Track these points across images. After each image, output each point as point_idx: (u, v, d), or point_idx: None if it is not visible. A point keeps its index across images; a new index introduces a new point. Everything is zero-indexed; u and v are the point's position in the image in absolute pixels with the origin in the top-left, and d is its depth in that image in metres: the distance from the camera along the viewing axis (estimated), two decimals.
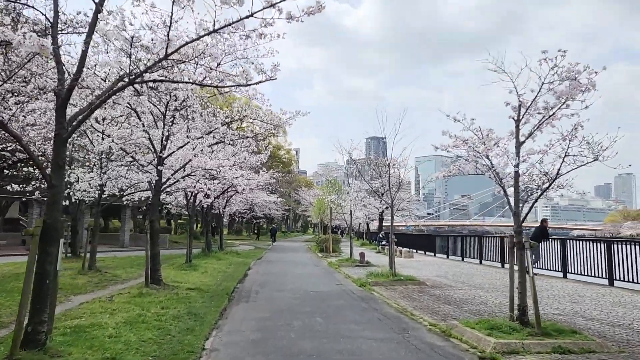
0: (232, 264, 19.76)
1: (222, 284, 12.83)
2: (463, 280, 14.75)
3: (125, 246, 31.51)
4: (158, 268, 11.39)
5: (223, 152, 16.35)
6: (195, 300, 9.85)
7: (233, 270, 17.01)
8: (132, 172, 12.66)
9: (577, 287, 13.06)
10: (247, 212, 48.96)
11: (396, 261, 23.65)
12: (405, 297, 11.10)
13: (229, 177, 17.25)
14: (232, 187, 21.86)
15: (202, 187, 16.33)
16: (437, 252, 27.93)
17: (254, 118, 11.51)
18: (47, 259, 5.13)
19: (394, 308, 9.63)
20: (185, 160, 11.80)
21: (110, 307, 8.61)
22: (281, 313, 8.82)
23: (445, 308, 9.63)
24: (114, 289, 11.45)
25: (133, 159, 11.34)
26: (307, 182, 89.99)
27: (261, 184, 24.00)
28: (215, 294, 10.96)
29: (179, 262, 18.63)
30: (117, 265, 17.42)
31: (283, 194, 50.08)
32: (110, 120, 12.82)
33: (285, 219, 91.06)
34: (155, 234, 11.47)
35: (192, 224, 19.42)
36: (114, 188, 15.46)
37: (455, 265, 20.95)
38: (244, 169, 19.40)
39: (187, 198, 18.37)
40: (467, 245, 23.97)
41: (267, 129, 11.94)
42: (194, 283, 12.56)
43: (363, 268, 19.11)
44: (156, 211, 11.48)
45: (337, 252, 28.41)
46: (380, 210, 36.71)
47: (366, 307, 9.72)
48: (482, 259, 21.63)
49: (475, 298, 10.97)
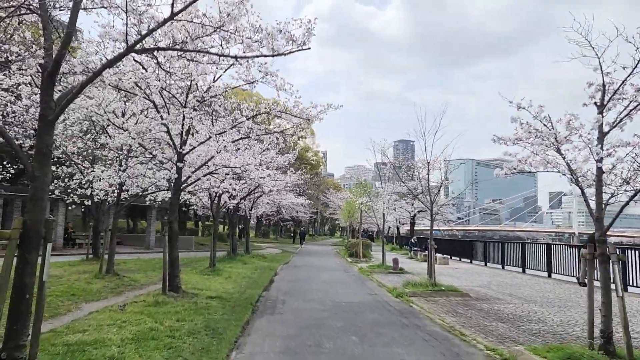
0: (258, 269, 18.79)
1: (246, 292, 11.83)
2: (510, 291, 13.38)
3: (151, 248, 31.01)
4: (177, 274, 10.46)
5: (249, 150, 15.43)
6: (215, 311, 8.85)
7: (258, 276, 16.03)
8: (150, 169, 11.78)
9: None
10: (275, 215, 48.20)
11: None
12: (449, 312, 9.86)
13: (255, 177, 16.29)
14: (259, 188, 20.95)
15: (226, 188, 15.42)
16: (474, 259, 26.42)
17: (282, 111, 10.48)
18: (26, 269, 4.20)
19: (439, 325, 8.43)
20: (208, 157, 10.86)
21: (120, 319, 7.68)
22: (310, 329, 7.73)
23: (499, 327, 8.37)
24: (129, 296, 10.57)
25: (151, 154, 10.46)
26: (335, 184, 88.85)
27: (289, 185, 23.03)
28: (237, 303, 9.96)
29: (202, 266, 17.78)
30: (139, 268, 16.66)
31: (311, 196, 49.13)
32: (130, 115, 12.04)
33: (312, 222, 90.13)
34: (174, 237, 10.56)
35: (216, 226, 18.56)
36: (136, 188, 14.70)
37: (496, 273, 19.49)
38: (271, 169, 18.44)
39: (211, 199, 17.51)
40: (508, 252, 22.41)
41: (295, 123, 10.90)
42: (215, 290, 11.60)
43: (397, 275, 17.88)
44: (175, 212, 10.57)
45: (368, 258, 27.18)
46: (412, 214, 35.32)
47: (407, 323, 8.54)
48: (526, 268, 20.10)
49: (530, 314, 9.65)
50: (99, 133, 14.10)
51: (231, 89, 10.26)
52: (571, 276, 16.62)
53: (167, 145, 11.05)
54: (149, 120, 10.10)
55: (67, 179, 16.02)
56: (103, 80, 9.05)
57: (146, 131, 10.06)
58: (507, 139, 6.85)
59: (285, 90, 10.36)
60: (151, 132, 10.42)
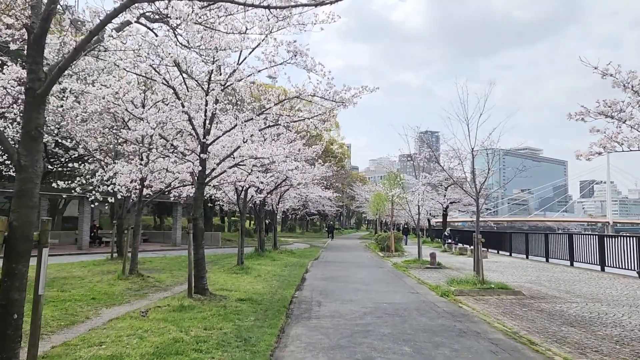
0: (288, 266, 17.95)
1: (278, 292, 10.96)
2: (565, 288, 12.18)
3: (177, 245, 30.54)
4: (203, 274, 9.64)
5: (276, 142, 14.54)
6: (247, 316, 7.98)
7: (289, 274, 15.16)
8: (174, 162, 10.97)
9: None
10: (301, 209, 47.44)
11: (468, 262, 21.16)
12: (506, 314, 8.78)
13: (283, 170, 15.40)
14: (286, 180, 20.08)
15: (253, 181, 14.56)
16: (513, 251, 25.06)
17: (313, 94, 9.50)
18: (12, 283, 3.34)
19: (501, 331, 7.36)
20: (233, 147, 9.98)
21: (142, 327, 6.86)
22: (354, 338, 6.77)
23: (570, 333, 7.26)
24: (153, 299, 9.80)
25: (172, 146, 9.64)
26: (361, 177, 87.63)
27: (317, 177, 22.11)
28: (269, 306, 9.07)
29: (230, 264, 17.03)
30: (164, 267, 15.99)
31: (337, 189, 48.16)
32: (151, 106, 11.25)
33: (338, 216, 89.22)
34: (200, 234, 9.73)
35: (243, 221, 17.76)
36: (159, 183, 13.98)
37: (542, 267, 18.20)
38: (299, 161, 17.54)
39: (237, 193, 16.70)
40: (552, 243, 21.03)
41: (328, 108, 9.92)
42: (245, 291, 10.75)
43: (435, 271, 16.80)
44: (200, 207, 9.74)
45: (400, 252, 26.08)
46: (444, 206, 34.01)
47: (463, 329, 7.51)
48: (574, 261, 18.74)
49: (601, 317, 8.49)
50: (120, 127, 13.42)
51: (258, 71, 9.32)
52: (629, 269, 15.27)
53: (190, 136, 10.21)
54: (170, 109, 9.27)
55: (90, 176, 15.43)
56: (117, 64, 8.24)
57: (167, 120, 9.23)
58: (586, 113, 5.74)
59: (316, 72, 9.44)
60: (172, 121, 9.59)
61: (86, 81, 10.37)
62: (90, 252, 22.61)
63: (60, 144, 16.59)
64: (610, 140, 5.28)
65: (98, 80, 10.23)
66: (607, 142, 5.29)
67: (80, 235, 25.27)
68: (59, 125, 14.25)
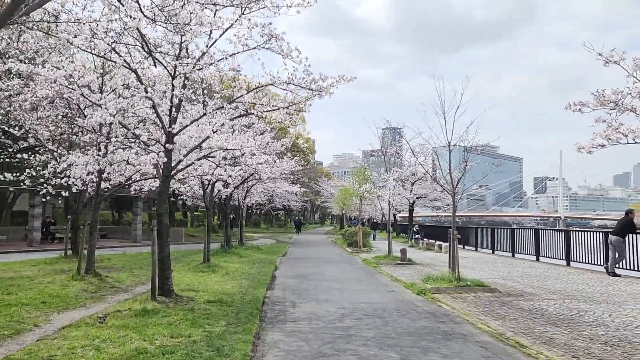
0: (256, 262, 17.33)
1: (248, 292, 10.35)
2: (538, 284, 12.07)
3: (138, 240, 29.35)
4: (169, 275, 8.93)
5: (245, 133, 13.86)
6: (217, 320, 7.36)
7: (258, 271, 14.55)
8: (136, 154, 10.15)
9: None
10: (267, 204, 46.73)
11: (437, 258, 21.07)
12: (488, 313, 8.48)
13: (252, 163, 14.74)
14: (254, 175, 19.41)
15: (221, 174, 13.86)
16: (479, 246, 25.18)
17: (289, 82, 8.91)
18: None
19: (486, 332, 7.03)
20: (202, 137, 9.27)
21: (100, 336, 6.15)
22: (337, 344, 6.27)
23: (557, 333, 6.99)
24: (113, 301, 9.03)
25: (134, 135, 8.85)
26: (327, 172, 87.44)
27: (286, 171, 21.51)
28: (241, 308, 8.47)
29: (195, 261, 16.27)
30: (124, 265, 15.09)
31: (304, 184, 47.63)
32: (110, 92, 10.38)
33: (303, 211, 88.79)
34: (165, 231, 9.01)
35: (210, 216, 17.00)
36: (120, 176, 13.08)
37: (509, 262, 18.23)
38: (268, 154, 16.91)
39: (203, 187, 15.93)
40: (518, 239, 21.17)
41: (304, 98, 9.35)
42: (213, 291, 10.10)
43: (407, 267, 16.53)
44: (165, 202, 9.00)
45: (368, 247, 25.83)
46: (411, 201, 34.00)
47: (447, 330, 7.13)
48: (540, 256, 18.87)
49: (581, 314, 8.29)
50: (76, 115, 12.44)
51: (230, 55, 8.65)
52: (593, 264, 15.40)
53: (154, 125, 9.45)
54: (131, 94, 8.49)
55: (41, 168, 14.32)
56: (70, 42, 7.43)
57: (128, 107, 8.45)
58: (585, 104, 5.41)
59: (291, 58, 8.87)
60: (134, 108, 8.81)
61: (35, 62, 9.43)
62: (42, 249, 21.27)
63: (7, 133, 15.35)
64: (615, 132, 4.96)
65: (49, 60, 9.31)
66: (612, 134, 4.97)
67: (30, 231, 23.80)
68: (6, 112, 13.11)
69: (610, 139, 5.00)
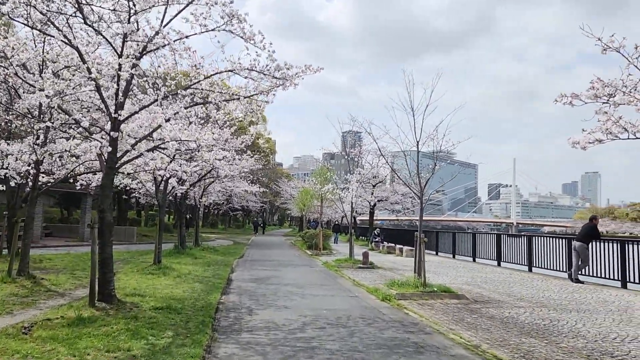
0: (211, 265, 16.41)
1: (201, 297, 9.51)
2: (504, 290, 11.76)
3: (85, 240, 27.59)
4: (110, 278, 8.00)
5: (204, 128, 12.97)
6: (163, 330, 6.53)
7: (213, 274, 13.68)
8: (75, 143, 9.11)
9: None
10: (224, 204, 45.53)
11: (398, 261, 20.70)
12: (458, 322, 7.98)
13: (210, 159, 13.86)
14: (212, 172, 18.47)
15: (176, 170, 12.94)
16: (440, 251, 25.03)
17: (251, 69, 8.16)
18: None
19: (461, 345, 6.49)
20: (153, 126, 8.39)
21: (20, 351, 5.23)
22: (299, 359, 5.58)
23: (533, 345, 6.53)
24: (45, 307, 8.01)
25: (76, 121, 7.87)
26: (287, 173, 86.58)
27: (245, 169, 20.63)
28: (192, 316, 7.65)
29: (145, 262, 15.22)
30: (66, 266, 13.89)
31: (263, 184, 46.62)
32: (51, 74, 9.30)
33: (262, 212, 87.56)
34: (107, 229, 8.07)
35: (162, 215, 15.95)
36: (62, 168, 11.96)
37: (471, 267, 18.03)
38: (227, 150, 16.05)
39: (156, 183, 14.90)
40: (480, 243, 21.07)
41: (268, 87, 8.62)
42: (162, 297, 9.21)
43: (369, 271, 16.02)
44: (108, 197, 8.06)
45: (328, 250, 25.24)
46: (371, 204, 33.69)
47: (418, 342, 6.56)
48: (501, 261, 18.76)
49: (554, 324, 7.91)
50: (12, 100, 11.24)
51: (186, 37, 7.85)
52: (554, 270, 15.33)
53: (99, 111, 8.50)
54: (72, 74, 7.53)
55: None
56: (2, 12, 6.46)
57: (66, 89, 7.49)
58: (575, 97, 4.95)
59: (254, 42, 8.14)
60: (75, 91, 7.85)
61: None
62: None
63: None
64: (616, 125, 4.50)
65: None
66: (613, 127, 4.51)
67: None
68: None
69: (611, 133, 4.54)
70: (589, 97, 4.83)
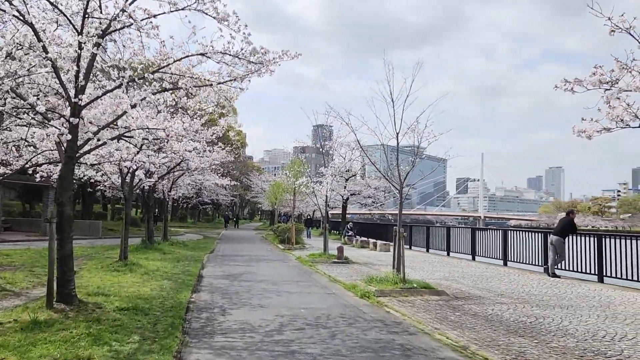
0: (180, 260, 15.76)
1: (170, 296, 8.95)
2: (483, 286, 11.57)
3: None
4: (71, 277, 7.36)
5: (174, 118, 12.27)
6: (129, 335, 5.97)
7: (182, 270, 13.07)
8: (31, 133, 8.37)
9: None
10: (194, 197, 44.55)
11: (373, 256, 20.43)
12: (442, 321, 7.67)
13: (179, 150, 13.20)
14: (182, 164, 17.74)
15: (143, 161, 12.24)
16: (413, 245, 24.91)
17: (223, 52, 7.61)
18: None
19: (449, 346, 6.16)
20: (118, 113, 7.75)
21: None
22: None
23: (524, 345, 6.25)
24: None
25: (31, 106, 7.16)
26: (258, 167, 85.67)
27: (216, 162, 19.95)
28: (160, 317, 7.10)
29: (111, 258, 14.44)
30: (24, 263, 13.04)
31: (234, 177, 45.76)
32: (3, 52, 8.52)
33: (232, 206, 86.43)
34: (67, 224, 7.42)
35: (128, 208, 15.17)
36: (18, 158, 11.12)
37: (447, 262, 17.90)
38: (198, 141, 15.36)
39: (122, 175, 14.13)
40: (454, 237, 21.00)
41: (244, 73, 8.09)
42: (128, 296, 8.60)
43: (344, 266, 15.66)
44: (68, 189, 7.40)
45: (301, 244, 24.81)
46: (344, 198, 33.39)
47: (405, 344, 6.19)
48: (475, 255, 18.71)
49: (539, 321, 7.68)
50: None
51: (154, 16, 7.23)
52: (531, 264, 15.30)
53: (57, 95, 7.79)
54: (25, 53, 6.83)
55: None
56: None
57: (20, 69, 6.79)
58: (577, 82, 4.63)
59: (228, 24, 7.59)
60: (30, 73, 7.15)
61: None
62: None
63: None
64: (627, 112, 4.18)
65: None
66: (625, 114, 4.19)
67: None
68: None
69: (622, 120, 4.23)
70: (592, 84, 4.51)
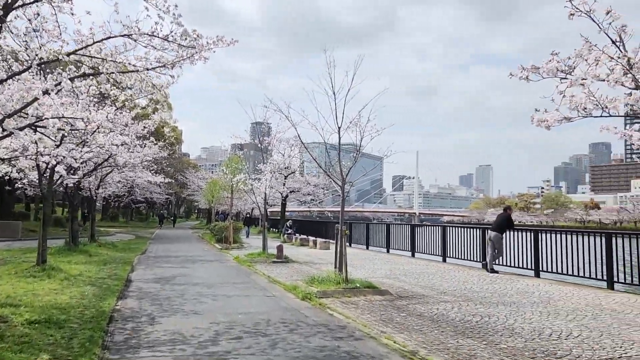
0: (108, 263, 14.64)
1: (92, 304, 8.08)
2: (425, 283, 11.46)
3: None
4: None
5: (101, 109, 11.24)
6: (36, 354, 5.17)
7: (109, 274, 12.07)
8: None
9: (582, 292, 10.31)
10: (126, 195, 42.39)
11: (313, 254, 20.06)
12: (387, 323, 7.35)
13: (106, 143, 12.19)
14: (110, 160, 16.52)
15: (63, 156, 11.12)
16: (353, 242, 24.78)
17: (151, 34, 6.88)
18: None
19: (397, 352, 5.81)
20: (27, 100, 6.81)
21: None
22: None
23: (473, 347, 6.02)
24: None
25: None
26: (194, 164, 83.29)
27: (148, 157, 18.82)
28: (78, 330, 6.28)
29: (29, 262, 13.11)
30: None
31: (168, 174, 43.95)
32: None
33: (168, 204, 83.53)
34: None
35: (47, 207, 13.81)
36: None
37: (387, 259, 17.84)
38: (127, 135, 14.31)
39: (39, 170, 12.84)
40: (393, 234, 21.04)
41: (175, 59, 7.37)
42: (41, 306, 7.65)
43: (284, 266, 15.15)
44: None
45: (239, 243, 24.05)
46: (284, 195, 32.86)
47: (351, 351, 5.78)
48: (415, 252, 18.79)
49: (485, 320, 7.54)
50: None
51: None
52: (469, 260, 15.48)
53: None
54: None
55: None
56: None
57: None
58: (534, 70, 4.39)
59: (155, 3, 6.87)
60: None
61: None
62: None
63: None
64: (588, 100, 3.95)
65: None
66: (587, 102, 3.95)
67: None
68: None
69: (586, 109, 4.00)
70: (549, 72, 4.28)
